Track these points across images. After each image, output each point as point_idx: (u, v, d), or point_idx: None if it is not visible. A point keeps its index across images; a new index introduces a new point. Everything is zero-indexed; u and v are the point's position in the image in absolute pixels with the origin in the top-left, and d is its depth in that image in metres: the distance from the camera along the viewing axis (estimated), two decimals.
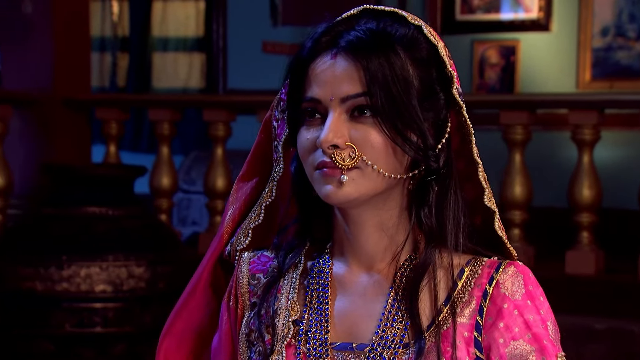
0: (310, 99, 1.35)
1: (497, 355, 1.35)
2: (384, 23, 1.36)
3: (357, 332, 1.38)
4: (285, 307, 1.40)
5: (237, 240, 1.48)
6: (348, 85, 1.32)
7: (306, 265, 1.44)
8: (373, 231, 1.39)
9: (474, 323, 1.36)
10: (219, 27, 7.69)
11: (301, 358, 1.38)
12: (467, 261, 1.40)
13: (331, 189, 1.33)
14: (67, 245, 4.27)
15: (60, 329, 4.19)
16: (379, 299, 1.39)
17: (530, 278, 1.40)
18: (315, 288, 1.41)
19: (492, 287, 1.37)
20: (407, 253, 1.40)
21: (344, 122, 1.33)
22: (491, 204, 1.42)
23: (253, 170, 1.50)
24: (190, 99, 6.39)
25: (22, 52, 5.52)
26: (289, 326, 1.39)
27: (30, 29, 5.51)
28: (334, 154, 1.32)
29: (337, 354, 1.37)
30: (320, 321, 1.39)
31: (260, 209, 1.47)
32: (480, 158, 1.41)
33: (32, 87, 5.45)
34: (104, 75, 8.18)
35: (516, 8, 7.08)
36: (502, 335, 1.36)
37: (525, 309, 1.37)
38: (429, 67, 1.36)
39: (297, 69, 1.37)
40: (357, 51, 1.32)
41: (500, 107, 4.91)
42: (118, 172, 4.74)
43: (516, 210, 4.76)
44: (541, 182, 5.94)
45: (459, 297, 1.37)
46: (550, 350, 1.36)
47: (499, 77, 7.16)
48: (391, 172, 1.34)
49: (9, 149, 5.34)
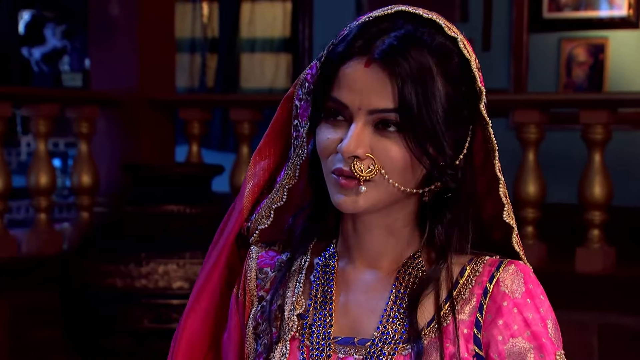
0: (338, 101, 1.35)
1: (495, 352, 1.37)
2: (420, 31, 1.35)
3: (360, 328, 1.40)
4: (291, 301, 1.43)
5: (258, 219, 1.49)
6: (378, 98, 1.32)
7: (313, 260, 1.46)
8: (380, 233, 1.41)
9: (473, 320, 1.38)
10: (305, 28, 7.76)
11: (304, 351, 1.41)
12: (469, 259, 1.42)
13: (344, 199, 1.35)
14: (145, 243, 4.37)
15: (139, 324, 4.29)
16: (381, 295, 1.41)
17: (530, 277, 1.40)
18: (320, 283, 1.44)
19: (492, 285, 1.39)
20: (411, 251, 1.42)
21: (367, 134, 1.33)
22: (510, 220, 1.43)
23: (270, 146, 1.51)
24: (271, 98, 6.45)
25: (109, 54, 5.65)
26: (293, 320, 1.42)
27: (116, 31, 5.64)
28: (354, 164, 1.33)
29: (339, 348, 1.40)
30: (324, 315, 1.41)
31: (283, 191, 1.48)
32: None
33: (119, 87, 5.58)
34: (194, 75, 8.31)
35: (605, 5, 6.97)
36: (501, 332, 1.37)
37: (525, 307, 1.38)
38: (459, 82, 1.36)
39: (327, 67, 1.37)
40: (391, 64, 1.31)
41: (580, 106, 4.84)
42: (195, 171, 4.83)
43: (596, 210, 4.69)
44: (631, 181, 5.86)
45: (459, 295, 1.39)
46: (549, 348, 1.37)
47: (587, 75, 7.06)
48: (406, 187, 1.36)
49: (96, 148, 5.48)
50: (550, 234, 4.86)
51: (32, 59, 8.43)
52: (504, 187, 1.42)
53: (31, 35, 8.37)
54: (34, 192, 5.33)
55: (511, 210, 1.43)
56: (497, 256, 1.42)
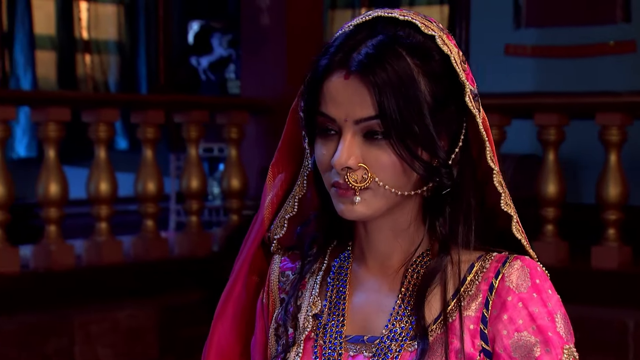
0: (325, 115, 1.38)
1: (501, 346, 1.38)
2: (397, 34, 1.37)
3: (370, 326, 1.43)
4: (308, 302, 1.48)
5: (274, 229, 1.54)
6: (360, 108, 1.35)
7: (330, 262, 1.51)
8: (388, 234, 1.44)
9: (479, 316, 1.39)
10: (462, 31, 7.73)
11: (318, 350, 1.45)
12: (478, 257, 1.43)
13: (345, 208, 1.38)
14: None
15: None
16: (391, 294, 1.44)
17: (537, 271, 1.40)
18: (335, 284, 1.48)
19: (497, 281, 1.40)
20: (421, 250, 1.44)
21: (357, 144, 1.36)
22: (508, 209, 1.43)
23: (285, 158, 1.55)
24: None
25: (258, 62, 5.82)
26: (309, 320, 1.46)
27: (266, 40, 5.80)
28: (347, 175, 1.36)
29: (350, 346, 1.43)
30: (338, 315, 1.45)
31: (294, 201, 1.52)
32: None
33: (267, 94, 5.73)
34: None
35: None
36: (506, 327, 1.38)
37: (531, 302, 1.38)
38: (441, 78, 1.37)
39: (312, 84, 1.41)
40: (368, 73, 1.34)
41: None
42: None
43: None
44: None
45: (466, 291, 1.41)
46: (556, 342, 1.37)
47: None
48: (403, 190, 1.38)
49: (244, 152, 5.65)
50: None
51: (200, 68, 8.72)
52: (499, 175, 1.43)
53: (199, 45, 8.67)
54: (186, 196, 5.54)
55: (509, 198, 1.44)
56: (506, 252, 1.43)
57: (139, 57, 8.63)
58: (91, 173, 5.13)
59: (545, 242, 5.02)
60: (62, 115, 4.91)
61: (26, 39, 8.00)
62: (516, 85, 7.29)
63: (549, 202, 5.05)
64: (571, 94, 6.00)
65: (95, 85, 8.41)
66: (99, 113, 5.07)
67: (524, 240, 1.45)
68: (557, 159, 5.04)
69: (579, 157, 6.62)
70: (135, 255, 5.29)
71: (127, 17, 8.62)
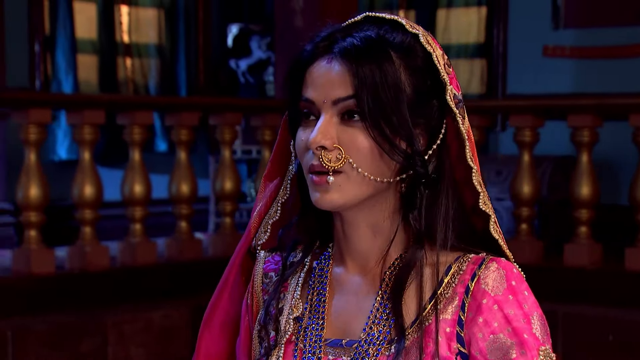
0: (306, 99, 1.41)
1: (477, 349, 1.37)
2: (383, 31, 1.41)
3: (349, 329, 1.44)
4: (290, 305, 1.48)
5: (259, 235, 1.56)
6: (339, 88, 1.38)
7: (312, 264, 1.51)
8: (366, 232, 1.43)
9: (456, 319, 1.39)
10: (500, 33, 7.69)
11: (298, 354, 1.45)
12: (455, 258, 1.43)
13: (320, 197, 1.39)
14: None
15: None
16: (370, 297, 1.44)
17: (513, 273, 1.40)
18: (316, 287, 1.49)
19: (473, 283, 1.40)
20: (398, 252, 1.44)
21: (334, 125, 1.38)
22: (486, 208, 1.44)
23: (276, 169, 1.57)
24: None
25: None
26: (290, 323, 1.47)
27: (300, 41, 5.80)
28: (322, 155, 1.37)
29: (329, 350, 1.44)
30: (317, 318, 1.46)
31: (277, 206, 1.54)
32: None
33: None
34: None
35: None
36: (481, 329, 1.38)
37: (506, 304, 1.38)
38: (423, 74, 1.40)
39: (296, 71, 1.44)
40: (350, 57, 1.37)
41: None
42: None
43: None
44: None
45: (442, 294, 1.40)
46: (532, 343, 1.36)
47: None
48: (377, 176, 1.39)
49: None
50: None
51: (239, 71, 8.76)
52: (478, 175, 1.43)
53: (238, 48, 8.71)
54: (220, 198, 5.57)
55: (487, 198, 1.44)
56: (483, 253, 1.43)
57: (179, 61, 8.69)
58: (126, 175, 5.18)
59: (579, 244, 4.99)
60: (97, 118, 4.96)
61: (68, 43, 8.08)
62: (554, 87, 7.25)
63: (583, 204, 5.02)
64: (604, 95, 5.95)
65: (136, 89, 8.48)
66: (134, 115, 5.12)
67: (500, 240, 1.45)
68: (591, 161, 5.02)
69: (615, 158, 6.56)
70: (169, 256, 5.33)
71: (167, 20, 8.68)
